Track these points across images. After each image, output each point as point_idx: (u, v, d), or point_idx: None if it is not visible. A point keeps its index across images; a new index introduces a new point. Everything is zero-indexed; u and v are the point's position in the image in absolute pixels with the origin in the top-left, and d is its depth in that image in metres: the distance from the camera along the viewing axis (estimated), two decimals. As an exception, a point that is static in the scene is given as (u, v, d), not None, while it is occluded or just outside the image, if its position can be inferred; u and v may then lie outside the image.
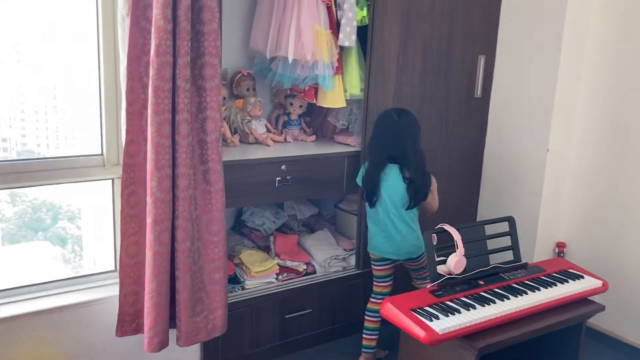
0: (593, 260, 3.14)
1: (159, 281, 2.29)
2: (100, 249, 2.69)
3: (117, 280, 2.49)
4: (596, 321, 3.08)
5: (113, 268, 2.64)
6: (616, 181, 3.05)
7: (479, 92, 3.30)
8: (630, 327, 3.05)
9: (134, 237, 2.37)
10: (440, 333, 2.04)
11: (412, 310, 2.16)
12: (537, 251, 3.27)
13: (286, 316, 2.88)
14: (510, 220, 2.62)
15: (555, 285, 2.44)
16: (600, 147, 3.11)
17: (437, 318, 2.11)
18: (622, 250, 3.04)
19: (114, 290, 2.50)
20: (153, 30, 2.13)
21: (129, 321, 2.43)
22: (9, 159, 2.56)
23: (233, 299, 2.68)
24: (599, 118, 3.10)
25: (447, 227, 2.42)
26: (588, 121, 3.15)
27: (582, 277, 2.54)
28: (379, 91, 2.91)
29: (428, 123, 3.08)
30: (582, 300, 2.44)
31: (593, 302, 2.45)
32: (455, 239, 2.39)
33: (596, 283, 2.50)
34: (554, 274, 2.55)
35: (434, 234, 2.39)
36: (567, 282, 2.48)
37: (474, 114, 3.35)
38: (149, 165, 2.21)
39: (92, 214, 2.88)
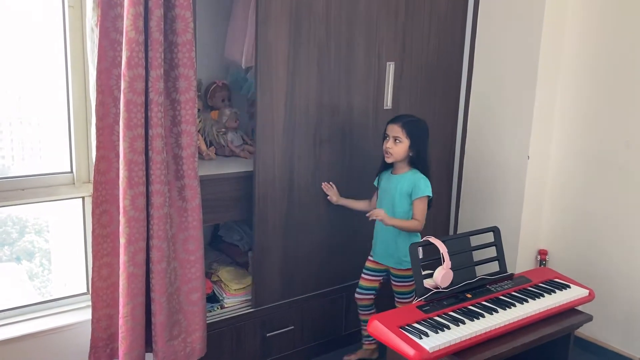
0: (575, 267, 3.12)
1: (134, 304, 2.18)
2: (70, 270, 2.56)
3: (89, 303, 2.37)
4: (583, 330, 3.05)
5: (85, 290, 2.51)
6: (596, 188, 3.04)
7: (389, 103, 2.98)
8: (615, 335, 3.03)
9: (107, 258, 2.26)
10: (430, 351, 1.97)
11: (401, 327, 2.09)
12: (519, 259, 3.24)
13: (267, 334, 2.78)
14: (495, 230, 2.57)
15: (543, 296, 2.40)
16: (580, 153, 3.09)
17: (427, 335, 2.04)
18: (604, 257, 3.02)
19: (86, 314, 2.38)
20: (124, 41, 2.03)
21: (102, 347, 2.31)
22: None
23: (212, 318, 2.57)
24: (578, 124, 3.08)
25: (432, 239, 2.36)
26: (567, 127, 3.13)
27: (569, 286, 2.51)
28: (266, 97, 2.52)
29: (329, 133, 2.77)
30: (570, 311, 2.41)
31: (581, 312, 2.41)
32: (441, 251, 2.33)
33: (583, 292, 2.46)
34: (541, 284, 2.51)
35: (420, 247, 2.33)
36: (554, 292, 2.44)
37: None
38: (122, 183, 2.11)
39: (60, 232, 2.74)
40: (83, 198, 2.41)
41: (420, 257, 2.33)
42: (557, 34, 3.02)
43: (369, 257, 2.79)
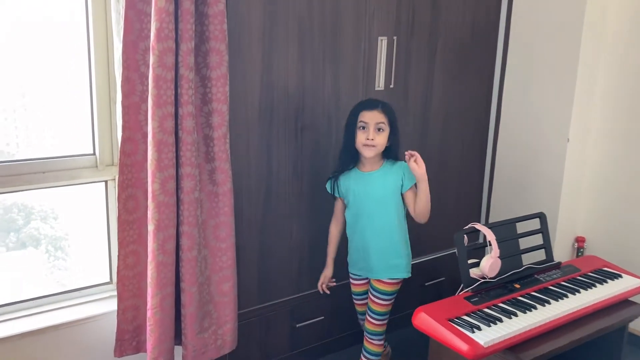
0: (614, 255, 2.96)
1: (163, 295, 2.05)
2: (90, 259, 2.42)
3: (113, 293, 2.24)
4: (633, 325, 2.91)
5: (108, 280, 2.38)
6: (638, 171, 2.88)
7: (381, 84, 2.66)
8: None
9: (133, 246, 2.12)
10: (485, 346, 1.83)
11: (450, 320, 1.95)
12: (556, 247, 3.09)
13: (297, 325, 2.65)
14: (542, 216, 2.43)
15: (595, 286, 2.26)
16: (623, 135, 2.93)
17: (479, 329, 1.91)
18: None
19: (110, 305, 2.25)
20: (153, 11, 1.87)
21: (128, 339, 2.18)
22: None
23: (241, 309, 2.43)
24: (622, 103, 2.92)
25: (478, 226, 2.21)
26: (610, 107, 2.97)
27: (620, 276, 2.37)
28: (238, 77, 2.22)
29: (312, 118, 2.45)
30: (623, 302, 2.27)
31: (635, 304, 2.27)
32: (489, 239, 2.19)
33: (636, 282, 2.32)
34: (590, 274, 2.37)
35: (465, 235, 2.18)
36: (606, 282, 2.30)
37: None
38: (151, 166, 1.96)
39: (77, 218, 2.59)
40: (106, 182, 2.27)
41: (466, 244, 2.19)
42: (601, 6, 2.85)
43: (353, 280, 2.46)
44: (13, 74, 2.13)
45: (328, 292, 2.48)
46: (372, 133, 2.19)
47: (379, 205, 2.27)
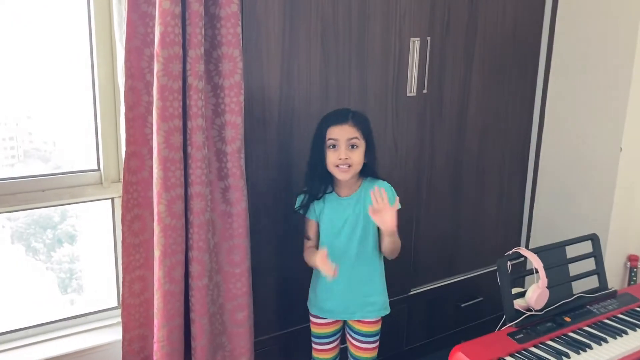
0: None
1: (170, 327, 1.86)
2: (98, 281, 2.25)
3: (120, 319, 2.06)
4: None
5: (116, 304, 2.20)
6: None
7: (413, 89, 2.42)
8: None
9: (139, 271, 1.94)
10: (533, 396, 1.59)
11: (492, 362, 1.71)
12: (606, 267, 2.81)
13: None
14: (594, 238, 2.16)
15: (658, 319, 1.99)
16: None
17: (526, 374, 1.67)
18: None
19: (117, 333, 2.07)
20: (157, 14, 1.68)
21: (135, 372, 2.00)
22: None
23: (257, 336, 2.23)
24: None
25: (524, 251, 1.97)
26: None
27: (686, 307, 2.09)
28: (255, 81, 2.01)
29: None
30: (690, 338, 1.99)
31: None
32: (535, 266, 1.94)
33: None
34: (651, 304, 2.10)
35: (509, 261, 1.94)
36: (670, 314, 2.03)
37: (411, 117, 2.42)
38: (156, 185, 1.77)
39: (88, 236, 2.43)
40: (112, 199, 2.09)
41: (509, 272, 1.94)
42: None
43: (315, 320, 2.07)
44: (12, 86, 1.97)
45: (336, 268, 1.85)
46: (345, 151, 1.84)
47: (357, 235, 1.93)
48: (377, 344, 2.08)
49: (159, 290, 1.82)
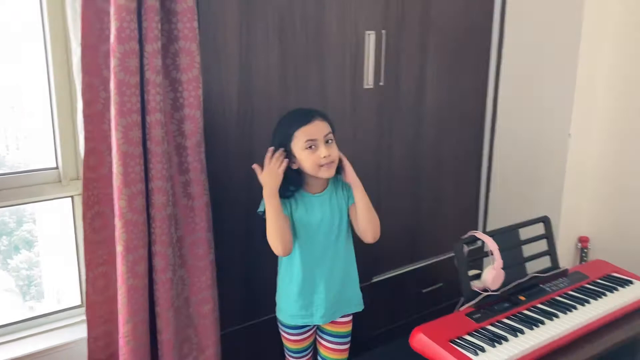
0: (619, 254, 2.80)
1: (135, 322, 1.86)
2: (60, 280, 2.23)
3: (84, 317, 2.05)
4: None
5: (79, 303, 2.19)
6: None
7: (370, 82, 2.46)
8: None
9: (102, 268, 1.94)
10: (490, 371, 1.67)
11: (451, 341, 1.78)
12: (559, 248, 2.92)
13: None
14: (546, 220, 2.26)
15: (605, 295, 2.10)
16: (627, 129, 2.77)
17: (483, 350, 1.74)
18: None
19: (82, 331, 2.06)
20: (112, 10, 1.68)
21: (101, 369, 2.00)
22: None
23: (224, 329, 2.25)
24: (624, 96, 2.75)
25: (479, 234, 2.04)
26: (612, 100, 2.80)
27: (631, 282, 2.21)
28: (214, 76, 2.02)
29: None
30: (636, 311, 2.10)
31: (649, 313, 2.11)
32: (490, 248, 2.02)
33: (649, 289, 2.16)
34: (599, 281, 2.21)
35: (465, 244, 2.01)
36: (617, 289, 2.14)
37: (369, 109, 2.48)
38: (116, 181, 1.77)
39: (48, 237, 2.41)
40: (72, 197, 2.08)
41: (466, 254, 2.02)
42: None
43: (290, 336, 2.01)
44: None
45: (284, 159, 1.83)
46: (326, 149, 1.79)
47: (333, 232, 1.90)
48: (349, 345, 2.05)
49: (122, 286, 1.83)
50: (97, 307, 1.95)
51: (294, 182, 1.86)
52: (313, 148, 1.79)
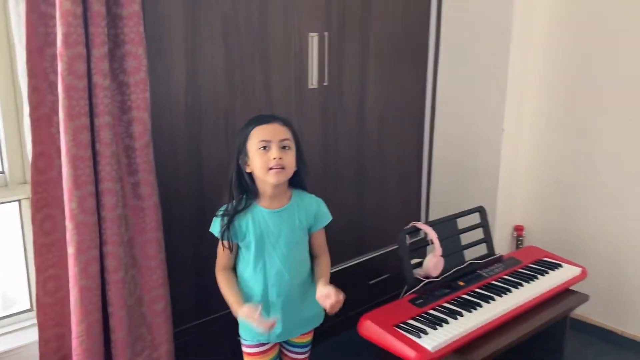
0: (552, 240, 3.01)
1: (89, 322, 1.89)
2: (7, 282, 2.22)
3: (35, 321, 2.05)
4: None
5: (28, 307, 2.18)
6: (572, 158, 2.92)
7: (314, 82, 2.54)
8: (603, 310, 2.93)
9: (53, 270, 1.95)
10: (432, 351, 1.78)
11: (396, 326, 1.89)
12: (496, 237, 3.10)
13: (239, 339, 2.52)
14: (481, 210, 2.41)
15: (537, 278, 2.26)
16: (555, 123, 2.97)
17: (425, 333, 1.86)
18: (584, 230, 2.93)
19: (32, 335, 2.06)
20: (58, 15, 1.70)
21: (54, 372, 2.00)
22: None
23: (177, 327, 2.29)
24: (553, 92, 2.95)
25: (420, 225, 2.17)
26: (542, 96, 2.99)
27: (560, 265, 2.38)
28: (161, 79, 2.06)
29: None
30: (565, 292, 2.27)
31: (576, 292, 2.29)
32: (430, 237, 2.14)
33: (576, 271, 2.35)
34: (532, 265, 2.38)
35: (407, 235, 2.13)
36: (547, 273, 2.31)
37: (314, 109, 2.56)
38: (66, 183, 1.79)
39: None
40: (19, 201, 2.07)
41: (408, 244, 2.13)
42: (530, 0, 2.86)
43: (252, 350, 1.96)
44: None
45: (274, 321, 1.77)
46: (278, 151, 1.74)
47: (292, 251, 1.85)
48: (310, 350, 2.06)
49: (75, 287, 1.85)
50: (48, 310, 1.95)
51: (247, 189, 1.82)
52: (266, 149, 1.75)
